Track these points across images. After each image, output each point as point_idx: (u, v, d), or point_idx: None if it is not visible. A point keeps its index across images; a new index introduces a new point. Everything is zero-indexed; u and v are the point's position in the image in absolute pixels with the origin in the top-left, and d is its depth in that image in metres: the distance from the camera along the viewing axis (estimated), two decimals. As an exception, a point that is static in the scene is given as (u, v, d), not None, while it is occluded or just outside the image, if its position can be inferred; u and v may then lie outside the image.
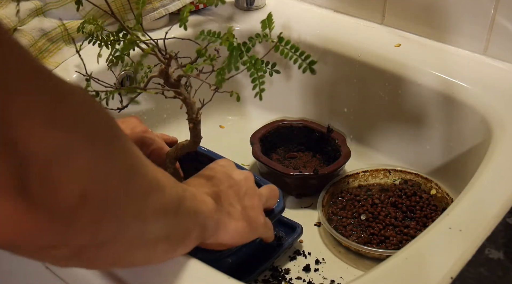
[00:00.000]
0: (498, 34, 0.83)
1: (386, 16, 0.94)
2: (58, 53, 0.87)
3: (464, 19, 0.85)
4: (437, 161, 0.86)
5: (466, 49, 0.86)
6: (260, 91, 0.52)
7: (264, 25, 0.54)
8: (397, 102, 0.87)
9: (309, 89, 0.98)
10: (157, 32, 0.94)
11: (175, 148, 0.65)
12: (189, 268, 0.53)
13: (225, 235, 0.56)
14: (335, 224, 0.79)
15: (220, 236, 0.56)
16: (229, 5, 1.04)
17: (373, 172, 0.86)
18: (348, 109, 0.94)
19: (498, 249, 0.53)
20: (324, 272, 0.72)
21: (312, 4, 1.02)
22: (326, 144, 0.91)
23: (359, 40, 0.91)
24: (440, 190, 0.81)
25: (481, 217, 0.57)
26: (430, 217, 0.78)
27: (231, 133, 1.00)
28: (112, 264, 0.44)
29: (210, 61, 0.53)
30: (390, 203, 0.81)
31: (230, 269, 0.62)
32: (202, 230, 0.51)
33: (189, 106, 0.59)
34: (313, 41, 0.94)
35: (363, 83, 0.91)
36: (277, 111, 1.01)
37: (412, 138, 0.88)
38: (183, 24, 0.54)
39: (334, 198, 0.83)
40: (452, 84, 0.81)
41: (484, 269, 0.51)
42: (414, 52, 0.88)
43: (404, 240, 0.75)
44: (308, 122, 0.93)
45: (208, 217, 0.52)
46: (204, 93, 0.60)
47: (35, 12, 0.86)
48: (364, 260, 0.74)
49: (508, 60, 0.83)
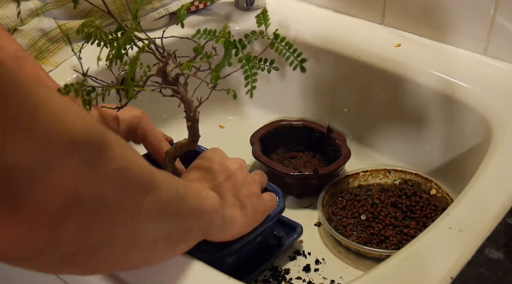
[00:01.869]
0: (498, 34, 0.82)
1: (386, 16, 0.94)
2: (58, 53, 0.87)
3: (464, 19, 0.85)
4: (437, 161, 0.86)
5: (466, 49, 0.86)
6: (252, 89, 0.52)
7: (259, 21, 0.55)
8: (397, 102, 0.87)
9: (309, 89, 0.98)
10: (157, 32, 0.94)
11: (174, 147, 0.65)
12: (189, 268, 0.53)
13: (232, 227, 0.56)
14: (335, 224, 0.79)
15: (227, 229, 0.55)
16: (229, 5, 1.05)
17: (373, 172, 0.86)
18: (348, 109, 0.94)
19: (498, 249, 0.53)
20: (324, 272, 0.72)
21: (312, 4, 1.02)
22: (326, 144, 0.91)
23: (359, 40, 0.91)
24: (440, 190, 0.81)
25: (481, 217, 0.57)
26: (430, 217, 0.78)
27: (231, 133, 1.00)
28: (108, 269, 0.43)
29: (207, 59, 0.53)
30: (390, 203, 0.81)
31: (230, 269, 0.62)
32: (206, 226, 0.51)
33: (186, 105, 0.59)
34: (313, 41, 0.94)
35: (363, 83, 0.91)
36: (277, 111, 1.01)
37: (412, 138, 0.88)
38: (180, 22, 0.54)
39: (334, 198, 0.83)
40: (452, 84, 0.81)
41: (484, 269, 0.51)
42: (414, 52, 0.88)
43: (404, 240, 0.75)
44: (308, 122, 0.93)
45: (214, 213, 0.52)
46: (203, 92, 0.60)
47: (35, 12, 0.86)
48: (364, 260, 0.74)
49: (508, 60, 0.83)
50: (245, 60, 0.51)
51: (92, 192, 0.33)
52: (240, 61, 0.52)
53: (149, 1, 0.95)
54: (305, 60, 0.52)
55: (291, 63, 0.52)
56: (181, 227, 0.46)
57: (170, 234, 0.45)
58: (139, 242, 0.40)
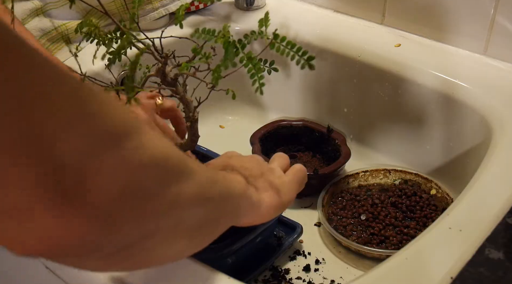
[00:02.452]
0: (498, 34, 0.82)
1: (386, 16, 0.94)
2: (58, 54, 0.87)
3: (464, 19, 0.85)
4: (437, 161, 0.86)
5: (466, 49, 0.86)
6: (260, 86, 0.51)
7: (261, 24, 0.54)
8: (397, 102, 0.87)
9: (309, 89, 0.98)
10: (157, 32, 0.93)
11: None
12: (189, 268, 0.53)
13: (259, 210, 0.55)
14: (335, 224, 0.79)
15: (255, 212, 0.55)
16: (229, 5, 1.04)
17: (373, 172, 0.86)
18: (348, 109, 0.94)
19: (498, 249, 0.53)
20: (324, 272, 0.72)
21: (312, 4, 1.02)
22: (326, 144, 0.91)
23: (359, 40, 0.91)
24: (440, 190, 0.81)
25: (481, 217, 0.57)
26: (430, 217, 0.78)
27: (231, 133, 1.00)
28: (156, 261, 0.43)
29: (205, 59, 0.53)
30: (390, 203, 0.81)
31: (230, 269, 0.62)
32: (236, 210, 0.51)
33: (185, 105, 0.59)
34: (313, 41, 0.94)
35: (363, 83, 0.91)
36: (277, 111, 1.01)
37: (412, 138, 0.88)
38: (179, 22, 0.54)
39: (334, 198, 0.83)
40: (452, 84, 0.81)
41: (484, 269, 0.51)
42: (414, 52, 0.88)
43: (404, 240, 0.75)
44: (308, 122, 0.93)
45: (242, 195, 0.52)
46: (202, 92, 0.60)
47: (35, 12, 0.86)
48: (364, 260, 0.74)
49: (508, 60, 0.83)
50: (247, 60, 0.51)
51: (138, 182, 0.33)
52: (242, 61, 0.52)
53: (149, 1, 0.95)
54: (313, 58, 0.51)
55: (297, 62, 0.51)
56: (216, 212, 0.46)
57: (207, 220, 0.44)
58: (182, 230, 0.41)
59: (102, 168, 0.31)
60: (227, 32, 0.51)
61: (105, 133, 0.31)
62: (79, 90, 0.31)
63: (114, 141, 0.32)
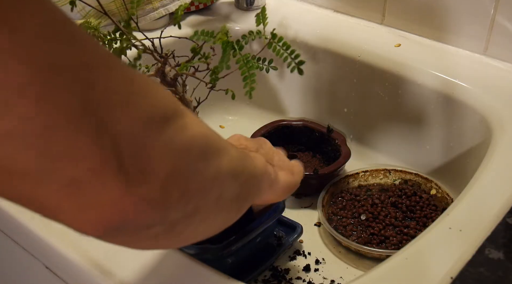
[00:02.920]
0: (498, 34, 0.82)
1: (386, 16, 0.94)
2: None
3: (464, 19, 0.85)
4: (437, 161, 0.86)
5: (466, 49, 0.86)
6: (250, 90, 0.52)
7: (258, 20, 0.55)
8: (397, 102, 0.87)
9: (309, 89, 0.98)
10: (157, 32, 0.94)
11: None
12: (189, 268, 0.53)
13: (276, 187, 0.56)
14: (335, 224, 0.79)
15: (273, 189, 0.56)
16: (229, 5, 1.05)
17: (373, 172, 0.86)
18: (348, 109, 0.94)
19: (498, 249, 0.53)
20: (324, 272, 0.72)
21: (312, 4, 1.02)
22: (326, 144, 0.91)
23: (359, 40, 0.91)
24: (440, 190, 0.81)
25: (481, 217, 0.57)
26: (430, 217, 0.78)
27: (231, 133, 1.00)
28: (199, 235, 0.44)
29: (205, 59, 0.53)
30: (390, 203, 0.81)
31: (230, 269, 0.62)
32: (259, 185, 0.52)
33: (185, 105, 0.59)
34: (313, 41, 0.94)
35: (363, 83, 0.91)
36: (277, 111, 1.01)
37: (412, 138, 0.88)
38: (177, 23, 0.54)
39: (334, 198, 0.83)
40: (452, 84, 0.81)
41: (484, 269, 0.51)
42: (414, 52, 0.88)
43: (404, 240, 0.75)
44: (308, 122, 0.93)
45: (264, 172, 0.53)
46: (202, 92, 0.60)
47: (35, 12, 0.86)
48: (364, 260, 0.74)
49: (508, 60, 0.83)
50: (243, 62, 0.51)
51: (185, 159, 0.35)
52: (238, 62, 0.52)
53: (149, 1, 0.95)
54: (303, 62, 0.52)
55: (289, 65, 0.52)
56: (245, 185, 0.47)
57: (241, 193, 0.46)
58: (222, 203, 0.42)
59: (154, 147, 0.32)
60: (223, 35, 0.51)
61: (156, 114, 0.33)
62: (130, 72, 0.32)
63: (164, 122, 0.33)
